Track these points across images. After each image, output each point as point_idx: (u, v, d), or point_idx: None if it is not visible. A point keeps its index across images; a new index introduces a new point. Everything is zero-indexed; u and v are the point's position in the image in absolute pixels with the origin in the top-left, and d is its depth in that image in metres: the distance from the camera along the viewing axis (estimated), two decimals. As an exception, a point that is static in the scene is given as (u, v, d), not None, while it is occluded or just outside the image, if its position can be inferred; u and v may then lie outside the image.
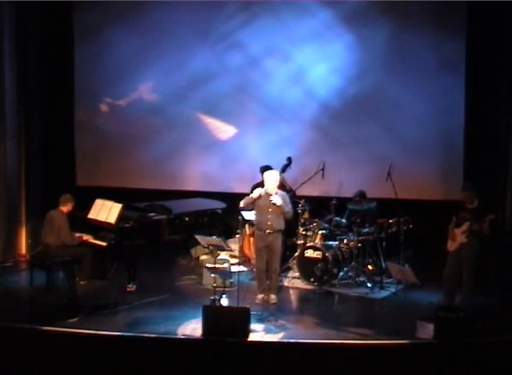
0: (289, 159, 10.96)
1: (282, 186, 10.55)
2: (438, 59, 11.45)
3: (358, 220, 10.37)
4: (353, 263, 10.29)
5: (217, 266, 9.66)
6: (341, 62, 11.80)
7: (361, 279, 10.28)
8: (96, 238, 9.78)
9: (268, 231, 9.33)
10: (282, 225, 9.45)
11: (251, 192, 9.84)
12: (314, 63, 11.92)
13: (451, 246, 8.92)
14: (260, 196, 9.29)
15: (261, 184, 9.74)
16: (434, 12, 11.39)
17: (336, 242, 10.44)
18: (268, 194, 9.28)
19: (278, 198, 9.28)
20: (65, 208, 9.80)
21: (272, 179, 9.36)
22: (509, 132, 10.86)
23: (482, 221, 8.62)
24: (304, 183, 10.88)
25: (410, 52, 11.56)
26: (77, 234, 9.76)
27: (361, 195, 10.69)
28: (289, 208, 9.44)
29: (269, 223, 9.32)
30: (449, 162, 11.58)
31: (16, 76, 11.50)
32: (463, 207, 8.91)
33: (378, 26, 11.59)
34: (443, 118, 11.59)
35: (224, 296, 8.99)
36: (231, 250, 9.87)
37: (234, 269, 10.01)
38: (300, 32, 11.89)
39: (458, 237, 8.84)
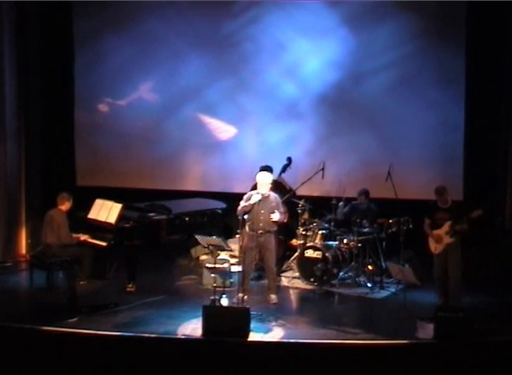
0: (289, 159, 10.96)
1: (281, 186, 10.58)
2: (438, 72, 11.47)
3: (358, 220, 10.38)
4: (353, 263, 10.29)
5: (217, 266, 9.66)
6: (343, 64, 11.80)
7: (361, 279, 10.29)
8: (96, 238, 9.77)
9: (259, 231, 9.32)
10: (274, 226, 9.44)
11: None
12: (315, 65, 11.91)
13: (436, 249, 8.96)
14: (260, 201, 9.25)
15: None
16: (434, 24, 11.41)
17: (336, 242, 10.44)
18: (263, 197, 9.26)
19: (277, 215, 9.31)
20: (64, 206, 9.78)
21: (265, 181, 9.31)
22: (509, 132, 10.87)
23: (468, 218, 8.65)
24: (304, 183, 10.87)
25: (410, 64, 11.59)
26: (75, 235, 9.75)
27: (365, 194, 10.67)
28: (280, 212, 9.42)
29: (261, 224, 9.31)
30: (449, 162, 11.57)
31: (16, 76, 11.51)
32: (437, 208, 8.95)
33: (379, 32, 11.62)
34: (444, 118, 11.60)
35: (224, 296, 8.99)
36: (231, 250, 9.85)
37: (234, 269, 10.01)
38: (300, 33, 11.90)
39: (444, 238, 8.87)
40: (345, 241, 10.42)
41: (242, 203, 9.34)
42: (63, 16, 12.45)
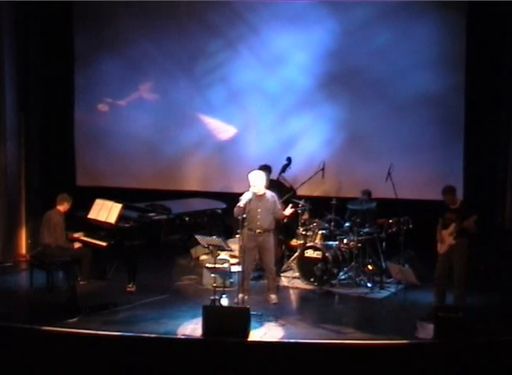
0: (289, 159, 10.97)
1: (281, 185, 10.59)
2: (437, 82, 11.52)
3: (358, 220, 10.38)
4: (353, 263, 10.29)
5: (217, 266, 9.66)
6: (345, 65, 11.82)
7: (361, 279, 10.29)
8: (96, 238, 9.76)
9: (258, 231, 9.29)
10: (272, 224, 9.41)
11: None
12: (314, 65, 11.93)
13: (441, 248, 8.95)
14: (250, 200, 9.23)
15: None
16: (434, 35, 11.46)
17: (336, 242, 10.44)
18: (258, 195, 9.25)
19: (288, 210, 9.48)
20: (62, 207, 9.79)
21: (257, 179, 9.24)
22: (509, 131, 10.87)
23: (467, 221, 8.65)
24: (304, 183, 10.88)
25: (408, 72, 11.63)
26: (73, 234, 9.75)
27: (368, 194, 10.68)
28: (278, 208, 9.44)
29: (259, 222, 9.28)
30: (448, 161, 11.58)
31: (16, 76, 11.50)
32: (447, 208, 8.95)
33: (378, 35, 11.65)
34: (444, 120, 11.61)
35: (224, 296, 8.99)
36: (231, 250, 9.84)
37: (234, 269, 10.00)
38: (299, 35, 11.91)
39: (446, 239, 8.86)
40: (345, 241, 10.42)
41: (239, 204, 9.34)
42: (63, 16, 12.45)
